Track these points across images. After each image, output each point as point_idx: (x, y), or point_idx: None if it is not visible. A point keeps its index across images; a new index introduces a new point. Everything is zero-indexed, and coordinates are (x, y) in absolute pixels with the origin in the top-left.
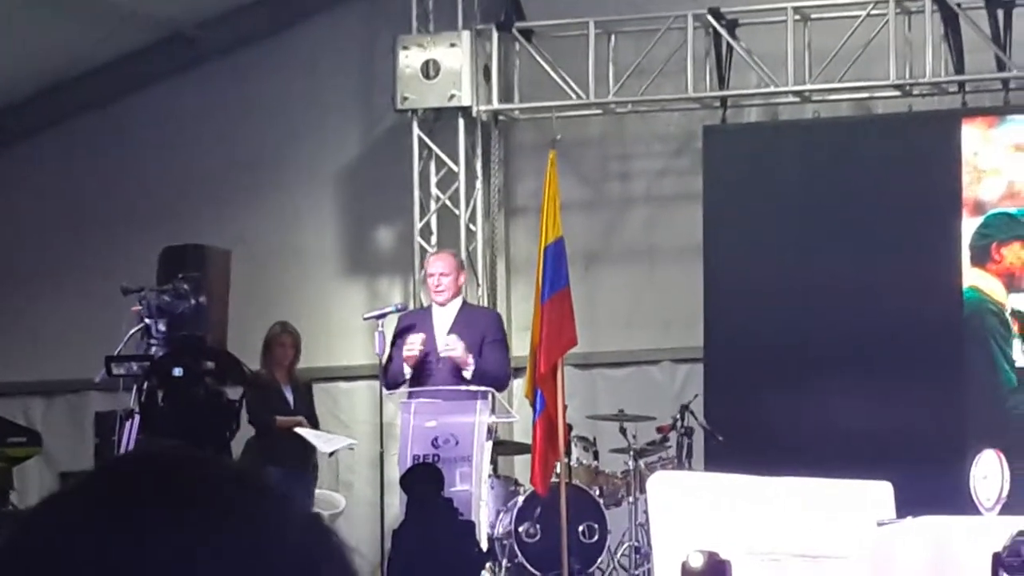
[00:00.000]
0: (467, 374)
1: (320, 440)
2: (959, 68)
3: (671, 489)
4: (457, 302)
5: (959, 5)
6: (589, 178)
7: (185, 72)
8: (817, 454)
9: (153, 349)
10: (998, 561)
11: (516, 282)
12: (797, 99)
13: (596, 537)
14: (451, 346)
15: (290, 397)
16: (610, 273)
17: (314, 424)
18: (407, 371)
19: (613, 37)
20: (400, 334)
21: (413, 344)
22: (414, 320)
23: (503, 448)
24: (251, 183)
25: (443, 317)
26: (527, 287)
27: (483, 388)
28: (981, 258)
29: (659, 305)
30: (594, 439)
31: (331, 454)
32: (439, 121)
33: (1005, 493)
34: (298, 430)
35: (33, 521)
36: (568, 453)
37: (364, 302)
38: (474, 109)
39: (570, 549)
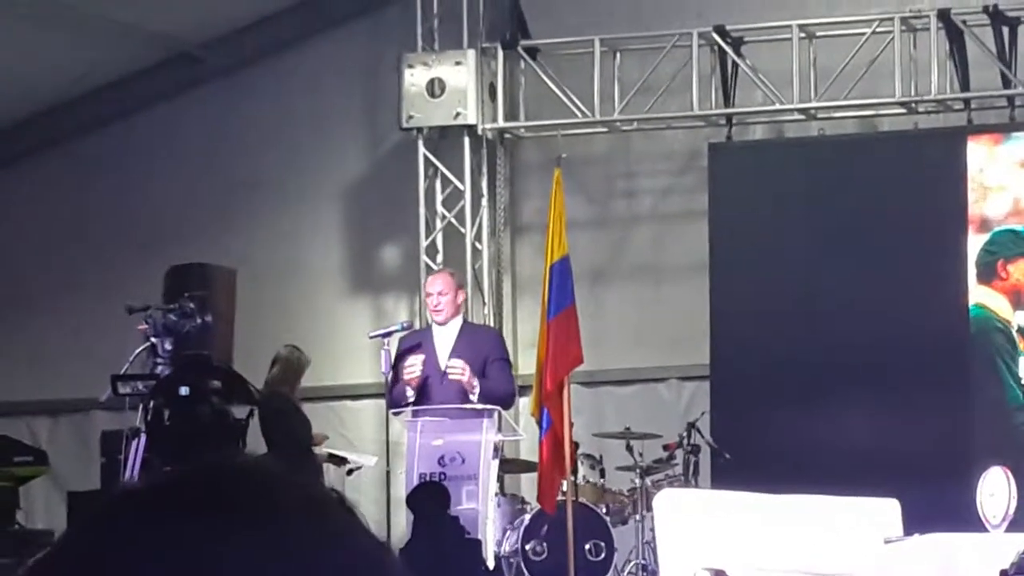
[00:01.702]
0: (473, 397)
1: (355, 456)
2: (964, 85)
3: (678, 507)
4: (457, 321)
5: (964, 22)
6: (595, 196)
7: (189, 91)
8: (824, 471)
9: (159, 368)
10: None
11: (522, 300)
12: (802, 116)
13: (603, 555)
14: (455, 369)
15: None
16: (616, 291)
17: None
18: (410, 393)
19: (618, 55)
20: (402, 355)
21: (413, 367)
22: (417, 340)
23: (509, 466)
24: (256, 202)
25: (444, 336)
26: (533, 305)
27: (489, 407)
28: (987, 275)
29: (665, 323)
30: (600, 457)
31: (349, 471)
32: (444, 139)
33: (1012, 510)
34: (335, 451)
35: (96, 527)
36: (574, 471)
37: (370, 320)
38: (479, 127)
39: (577, 567)
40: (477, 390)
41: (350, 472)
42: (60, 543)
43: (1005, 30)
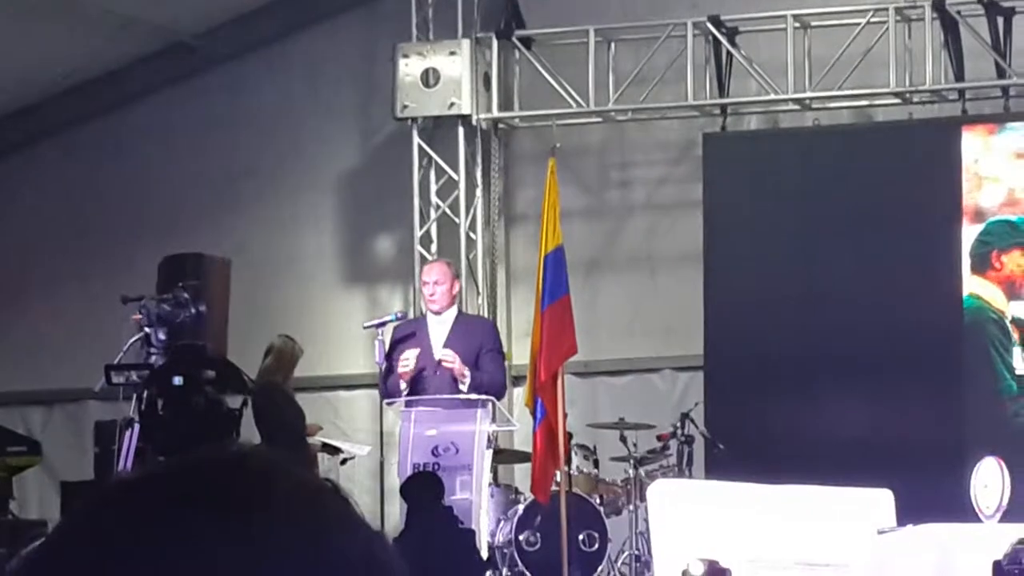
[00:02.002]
0: (463, 387)
1: (348, 445)
2: (959, 75)
3: (671, 497)
4: (452, 311)
5: (959, 12)
6: (589, 186)
7: (185, 81)
8: (817, 462)
9: (153, 358)
10: (999, 569)
11: (516, 290)
12: (797, 107)
13: (596, 545)
14: (448, 359)
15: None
16: (610, 281)
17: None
18: (403, 386)
19: (613, 45)
20: (397, 344)
21: (408, 360)
22: (411, 329)
23: (503, 456)
24: (251, 192)
25: (439, 326)
26: (527, 295)
27: (483, 397)
28: (981, 266)
29: (659, 313)
30: (594, 447)
31: (343, 461)
32: (439, 129)
33: (1006, 501)
34: (329, 440)
35: (84, 523)
36: (568, 461)
37: (364, 311)
38: (474, 117)
39: (570, 557)
40: (468, 380)
41: (344, 462)
42: (54, 534)
43: (1000, 20)
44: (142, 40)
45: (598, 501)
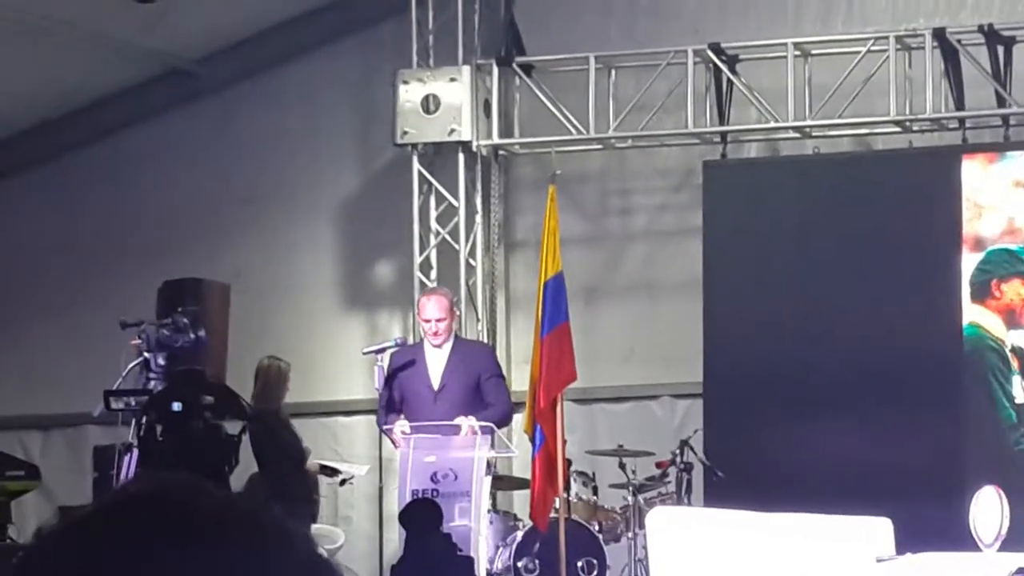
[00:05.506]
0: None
1: (346, 466)
2: (959, 104)
3: (670, 524)
4: (450, 339)
5: (959, 41)
6: (589, 213)
7: (183, 106)
8: (817, 490)
9: (152, 383)
10: None
11: (516, 317)
12: (797, 135)
13: (595, 572)
14: (469, 427)
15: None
16: (610, 308)
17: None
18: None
19: (613, 72)
20: (396, 372)
21: (403, 429)
22: (409, 357)
23: (502, 483)
24: (249, 217)
25: (437, 353)
26: (527, 322)
27: (482, 423)
28: (981, 294)
29: (659, 340)
30: (593, 474)
31: (342, 482)
32: (439, 155)
33: (1005, 530)
34: (324, 462)
35: (35, 554)
36: (567, 488)
37: (363, 336)
38: (474, 144)
39: None
40: (478, 434)
41: (343, 483)
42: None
43: (1000, 49)
44: (140, 65)
45: (597, 528)
